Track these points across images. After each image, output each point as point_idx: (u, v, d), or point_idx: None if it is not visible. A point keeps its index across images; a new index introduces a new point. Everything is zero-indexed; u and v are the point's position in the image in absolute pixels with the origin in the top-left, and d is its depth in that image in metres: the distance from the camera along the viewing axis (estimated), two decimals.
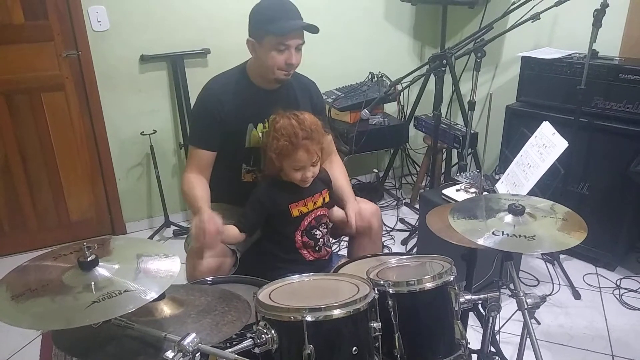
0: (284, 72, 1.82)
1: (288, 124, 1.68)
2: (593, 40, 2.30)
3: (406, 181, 3.73)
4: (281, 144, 1.66)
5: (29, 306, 0.93)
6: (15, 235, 2.96)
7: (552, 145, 1.84)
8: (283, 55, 1.77)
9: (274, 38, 1.75)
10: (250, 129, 1.89)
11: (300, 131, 1.66)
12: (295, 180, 1.72)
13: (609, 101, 2.45)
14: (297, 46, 1.79)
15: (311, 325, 1.12)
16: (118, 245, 1.21)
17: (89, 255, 1.02)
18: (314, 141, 1.68)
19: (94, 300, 0.93)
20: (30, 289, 0.97)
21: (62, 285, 1.00)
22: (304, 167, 1.69)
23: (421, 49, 3.65)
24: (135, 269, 1.10)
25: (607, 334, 2.25)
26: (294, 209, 1.75)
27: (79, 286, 1.01)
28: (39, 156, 2.88)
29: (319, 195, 1.81)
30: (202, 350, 0.96)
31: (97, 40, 2.79)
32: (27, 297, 0.95)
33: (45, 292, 0.97)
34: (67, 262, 1.07)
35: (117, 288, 1.00)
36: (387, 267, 1.42)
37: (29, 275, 1.05)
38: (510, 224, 1.38)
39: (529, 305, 1.34)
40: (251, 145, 1.91)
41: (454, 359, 1.31)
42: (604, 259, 2.68)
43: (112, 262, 1.07)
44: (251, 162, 1.95)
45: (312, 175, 1.73)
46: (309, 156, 1.68)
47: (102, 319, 0.91)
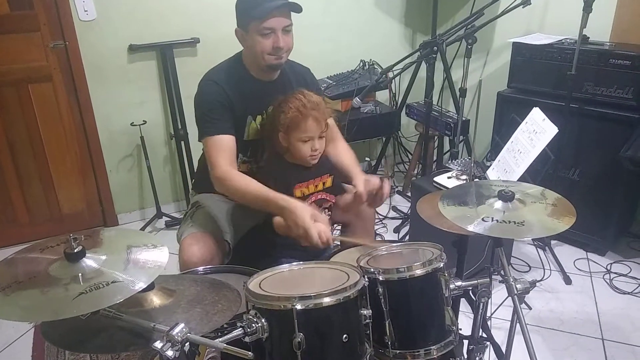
0: (274, 57, 1.77)
1: (295, 98, 1.73)
2: (583, 26, 2.30)
3: (398, 169, 3.73)
4: (290, 115, 1.70)
5: (16, 298, 0.92)
6: (6, 228, 2.94)
7: (542, 131, 1.84)
8: (269, 40, 1.73)
9: (257, 23, 1.71)
10: (249, 121, 1.87)
11: (308, 102, 1.71)
12: (304, 155, 1.75)
13: (599, 87, 2.46)
14: (284, 28, 1.74)
15: (301, 314, 1.12)
16: (107, 236, 1.20)
17: (75, 247, 1.01)
18: (320, 112, 1.72)
19: (82, 292, 0.92)
20: (17, 281, 0.96)
21: (49, 277, 0.99)
22: (312, 138, 1.72)
23: (412, 36, 3.64)
24: (124, 260, 1.10)
25: (598, 318, 2.28)
26: (297, 189, 1.77)
27: (67, 278, 1.00)
28: (28, 149, 2.86)
29: (321, 179, 1.83)
30: (191, 339, 0.96)
31: (84, 30, 2.76)
32: (14, 289, 0.94)
33: (33, 284, 0.96)
34: (55, 254, 1.06)
35: (105, 279, 1.00)
36: (377, 254, 1.42)
37: (16, 268, 1.05)
38: (500, 210, 1.38)
39: (518, 291, 1.34)
40: (249, 137, 1.89)
41: (444, 344, 1.32)
42: (594, 244, 2.70)
43: (100, 254, 1.07)
44: (248, 153, 1.93)
45: (320, 149, 1.76)
46: (318, 125, 1.72)
47: (90, 310, 0.90)
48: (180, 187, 3.25)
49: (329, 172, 1.87)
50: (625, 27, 2.60)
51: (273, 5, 1.69)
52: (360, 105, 3.06)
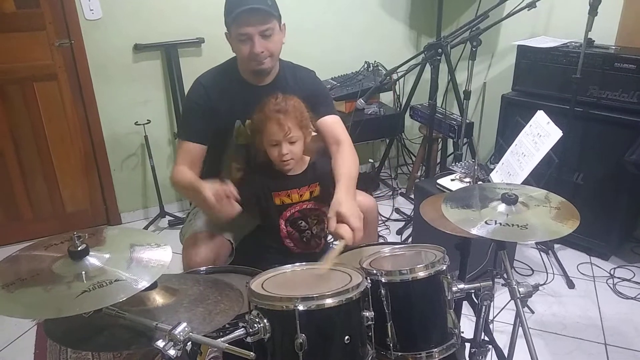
0: (254, 63, 1.73)
1: (268, 99, 1.69)
2: (589, 29, 2.29)
3: (402, 171, 3.73)
4: (256, 117, 1.69)
5: (19, 295, 0.92)
6: (10, 226, 2.95)
7: (546, 134, 1.84)
8: (247, 45, 1.70)
9: (233, 28, 1.70)
10: (238, 126, 1.85)
11: (275, 105, 1.66)
12: (275, 160, 1.71)
13: (604, 90, 2.45)
14: (261, 33, 1.68)
15: (303, 315, 1.12)
16: (111, 234, 1.21)
17: (79, 245, 1.01)
18: (288, 116, 1.65)
19: (85, 290, 0.93)
20: (20, 279, 0.96)
21: (52, 275, 0.99)
22: (278, 142, 1.67)
23: (417, 38, 3.64)
24: (127, 259, 1.10)
25: (601, 323, 2.27)
26: (276, 197, 1.75)
27: (70, 276, 1.01)
28: (32, 147, 2.87)
29: (307, 188, 1.78)
30: (193, 339, 0.96)
31: (89, 29, 2.77)
32: (17, 287, 0.95)
33: (36, 281, 0.97)
34: (58, 251, 1.06)
35: (108, 277, 1.00)
36: (380, 256, 1.42)
37: (19, 265, 1.05)
38: (504, 213, 1.37)
39: (521, 294, 1.34)
40: (239, 143, 1.87)
41: (446, 347, 1.32)
42: (598, 248, 2.69)
43: (104, 252, 1.07)
44: (240, 161, 1.92)
45: (289, 154, 1.69)
46: (280, 129, 1.65)
47: (92, 308, 0.90)
48: None
49: (317, 181, 1.81)
50: (631, 30, 2.59)
51: (240, 10, 1.66)
52: (364, 107, 3.06)
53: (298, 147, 1.71)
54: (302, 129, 1.71)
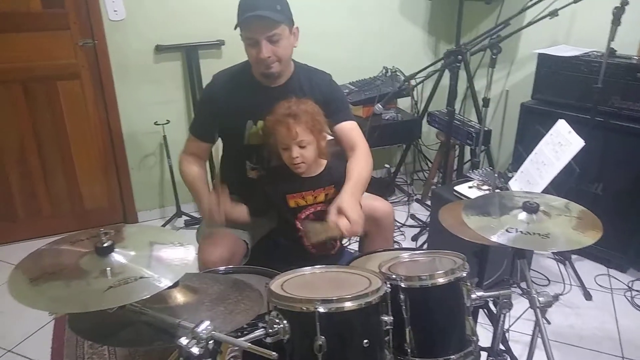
0: (262, 66, 1.75)
1: (282, 103, 1.71)
2: (612, 39, 2.27)
3: (418, 177, 3.72)
4: (269, 119, 1.70)
5: (46, 289, 0.94)
6: (29, 221, 3.00)
7: (567, 143, 1.83)
8: (254, 50, 1.72)
9: (242, 32, 1.73)
10: (249, 126, 1.86)
11: (285, 109, 1.67)
12: (287, 162, 1.73)
13: (625, 101, 2.43)
14: (268, 37, 1.69)
15: (323, 317, 1.13)
16: (132, 232, 1.23)
17: (105, 241, 1.03)
18: (297, 121, 1.66)
19: (110, 286, 0.94)
20: (47, 273, 0.98)
21: (79, 270, 1.01)
22: (288, 146, 1.69)
23: (436, 44, 3.63)
24: (150, 257, 1.11)
25: (618, 336, 2.24)
26: (290, 199, 1.76)
27: (95, 271, 1.02)
28: (54, 144, 2.91)
29: (322, 190, 1.79)
30: (215, 337, 0.97)
31: (113, 30, 2.81)
32: (44, 280, 0.97)
33: (63, 276, 0.99)
34: (84, 247, 1.08)
35: (132, 274, 1.01)
36: (399, 261, 1.42)
37: (46, 259, 1.07)
38: (524, 221, 1.37)
39: (541, 304, 1.33)
40: (250, 143, 1.89)
41: (464, 355, 1.31)
42: (615, 260, 2.66)
43: (128, 249, 1.08)
44: (254, 160, 1.93)
45: (300, 157, 1.70)
46: (289, 133, 1.66)
47: (118, 304, 0.92)
48: None
49: (332, 184, 1.81)
50: None
51: (246, 16, 1.68)
52: (381, 112, 3.06)
53: (309, 151, 1.72)
54: (314, 133, 1.71)
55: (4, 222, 2.95)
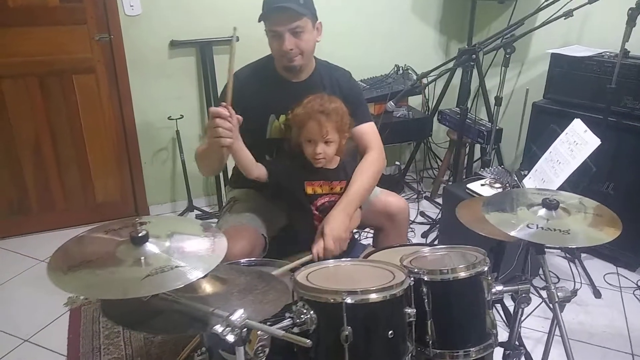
0: (285, 59, 1.77)
1: (314, 98, 1.73)
2: (626, 39, 2.29)
3: (427, 175, 3.74)
4: (300, 111, 1.71)
5: (85, 276, 0.97)
6: (42, 214, 3.03)
7: (583, 142, 1.85)
8: (277, 42, 1.75)
9: (266, 24, 1.75)
10: (272, 120, 1.88)
11: (319, 106, 1.70)
12: (308, 155, 1.75)
13: (638, 101, 2.45)
14: (291, 30, 1.72)
15: (350, 308, 1.16)
16: (164, 222, 1.25)
17: (140, 231, 1.06)
18: (329, 119, 1.69)
19: (148, 274, 0.97)
20: (85, 260, 1.01)
21: (114, 259, 1.04)
22: (315, 141, 1.71)
23: (447, 43, 3.65)
24: (181, 247, 1.14)
25: (628, 333, 2.26)
26: (308, 186, 1.78)
27: (130, 260, 1.05)
28: (68, 137, 2.94)
29: (338, 183, 1.83)
30: (249, 325, 1.00)
31: (128, 25, 2.83)
32: (82, 268, 0.99)
33: (100, 264, 1.01)
34: (118, 236, 1.11)
35: (166, 264, 1.04)
36: (420, 255, 1.45)
37: (82, 248, 1.09)
38: (544, 217, 1.39)
39: (559, 299, 1.35)
40: (272, 136, 1.91)
41: (484, 347, 1.34)
42: (624, 259, 2.68)
43: (161, 239, 1.11)
44: (274, 154, 1.95)
45: (323, 154, 1.73)
46: (319, 129, 1.69)
47: (156, 291, 0.94)
48: (212, 182, 3.31)
49: (346, 179, 1.85)
50: None
51: (270, 8, 1.71)
52: (394, 109, 3.08)
53: (332, 148, 1.75)
54: (340, 132, 1.74)
55: (18, 215, 2.97)
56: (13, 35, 2.66)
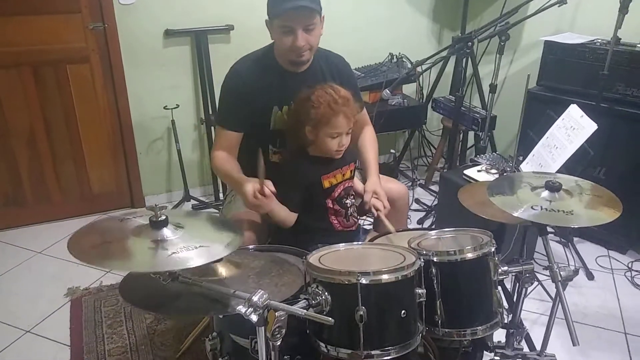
0: (294, 54, 1.78)
1: (325, 92, 1.71)
2: (619, 26, 2.34)
3: (422, 163, 3.78)
4: (321, 110, 1.68)
5: (112, 253, 0.98)
6: (38, 206, 3.01)
7: (580, 127, 1.89)
8: (289, 38, 1.73)
9: (277, 20, 1.74)
10: (275, 111, 1.89)
11: (339, 98, 1.70)
12: (331, 150, 1.75)
13: (630, 87, 2.50)
14: (305, 27, 1.73)
15: (364, 288, 1.19)
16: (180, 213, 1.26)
17: (160, 215, 1.07)
18: (350, 108, 1.72)
19: (174, 251, 0.99)
20: (106, 241, 1.02)
21: (137, 240, 1.05)
22: (341, 134, 1.72)
23: (440, 31, 3.68)
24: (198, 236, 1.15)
25: (620, 313, 2.33)
26: (325, 180, 1.79)
27: (150, 242, 1.06)
28: (62, 128, 2.92)
29: (348, 167, 1.85)
30: (272, 306, 1.02)
31: (123, 14, 2.81)
32: (106, 247, 1.01)
33: (124, 244, 1.02)
34: (135, 223, 1.12)
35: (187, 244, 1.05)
36: (427, 237, 1.48)
37: (99, 231, 1.11)
38: (547, 199, 1.43)
39: (562, 278, 1.40)
40: (276, 127, 1.92)
41: (490, 326, 1.38)
42: (616, 242, 2.75)
43: (179, 226, 1.12)
44: (277, 144, 1.96)
45: (346, 144, 1.76)
46: (348, 122, 1.71)
47: (182, 266, 0.97)
48: (208, 171, 3.31)
49: (354, 161, 1.90)
50: None
51: (288, 6, 1.69)
52: (389, 97, 3.10)
53: (350, 136, 1.79)
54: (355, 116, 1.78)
55: (14, 207, 2.95)
56: (5, 24, 2.62)
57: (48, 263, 2.68)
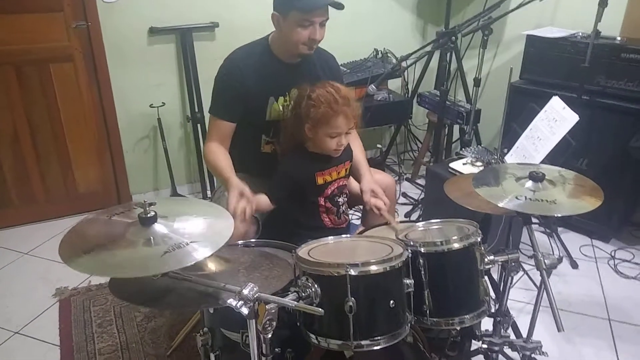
0: (307, 47, 1.84)
1: (325, 91, 1.70)
2: (598, 20, 2.38)
3: (408, 157, 3.81)
4: (322, 110, 1.67)
5: (104, 258, 0.98)
6: (23, 207, 2.98)
7: (562, 119, 1.93)
8: (307, 31, 1.79)
9: (299, 14, 1.77)
10: (271, 102, 1.92)
11: (340, 98, 1.69)
12: (329, 149, 1.75)
13: (610, 79, 2.55)
14: (322, 22, 1.81)
15: (353, 280, 1.20)
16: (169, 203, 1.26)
17: (149, 212, 1.07)
18: (351, 108, 1.71)
19: (166, 250, 0.99)
20: (98, 244, 1.02)
21: (127, 240, 1.05)
22: (340, 134, 1.72)
23: (424, 27, 3.71)
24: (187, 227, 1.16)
25: (604, 301, 2.38)
26: (319, 177, 1.80)
27: (141, 241, 1.07)
28: (47, 128, 2.89)
29: (343, 166, 1.87)
30: (262, 298, 1.03)
31: (106, 12, 2.79)
32: (98, 252, 1.00)
33: (114, 246, 1.03)
34: (126, 218, 1.12)
35: (179, 241, 1.06)
36: (415, 229, 1.50)
37: (90, 232, 1.10)
38: (531, 189, 1.46)
39: (547, 266, 1.43)
40: (271, 118, 1.94)
41: (477, 314, 1.41)
42: (599, 231, 2.81)
43: (169, 220, 1.13)
44: (271, 134, 1.99)
45: (345, 143, 1.77)
46: (348, 122, 1.71)
47: (177, 266, 0.97)
48: (195, 169, 3.31)
49: (349, 159, 1.91)
50: (636, 22, 2.69)
51: (320, 1, 1.76)
52: (374, 93, 3.13)
53: (349, 136, 1.80)
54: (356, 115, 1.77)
55: None
56: None
57: (35, 264, 2.66)
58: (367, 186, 1.87)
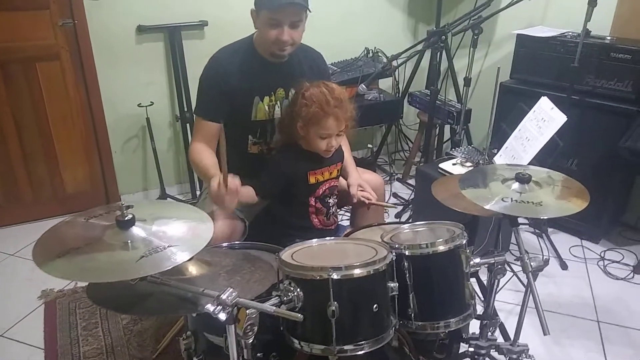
0: (277, 47, 1.80)
1: (319, 91, 1.69)
2: (588, 19, 2.37)
3: (399, 157, 3.80)
4: (312, 110, 1.66)
5: (79, 262, 0.96)
6: (10, 207, 2.94)
7: (550, 119, 1.92)
8: (275, 31, 1.76)
9: (267, 12, 1.74)
10: (256, 102, 1.90)
11: (332, 99, 1.67)
12: (319, 149, 1.74)
13: (600, 79, 2.54)
14: (292, 22, 1.75)
15: (336, 283, 1.18)
16: (148, 206, 1.24)
17: (127, 215, 1.05)
18: (343, 110, 1.69)
19: (143, 255, 0.97)
20: (73, 247, 1.00)
21: (103, 243, 1.03)
22: (330, 135, 1.70)
23: (415, 25, 3.69)
24: (166, 230, 1.14)
25: (593, 302, 2.38)
26: (311, 176, 1.78)
27: (118, 244, 1.05)
28: (34, 128, 2.85)
29: (335, 166, 1.85)
30: (241, 303, 1.01)
31: (93, 9, 2.76)
32: (73, 255, 0.98)
33: (89, 249, 1.00)
34: (103, 221, 1.10)
35: (158, 245, 1.04)
36: (400, 231, 1.48)
37: (66, 235, 1.08)
38: (517, 191, 1.45)
39: (533, 268, 1.42)
40: (257, 118, 1.92)
41: (463, 318, 1.39)
42: (588, 232, 2.80)
43: (147, 223, 1.11)
44: (257, 135, 1.97)
45: (336, 145, 1.75)
46: (338, 124, 1.69)
47: (152, 271, 0.95)
48: (184, 169, 3.28)
49: (341, 160, 1.90)
50: (625, 22, 2.68)
51: (283, 1, 1.71)
52: (365, 92, 3.10)
53: (342, 137, 1.78)
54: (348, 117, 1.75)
55: None
56: None
57: (21, 265, 2.63)
58: (353, 181, 1.88)
